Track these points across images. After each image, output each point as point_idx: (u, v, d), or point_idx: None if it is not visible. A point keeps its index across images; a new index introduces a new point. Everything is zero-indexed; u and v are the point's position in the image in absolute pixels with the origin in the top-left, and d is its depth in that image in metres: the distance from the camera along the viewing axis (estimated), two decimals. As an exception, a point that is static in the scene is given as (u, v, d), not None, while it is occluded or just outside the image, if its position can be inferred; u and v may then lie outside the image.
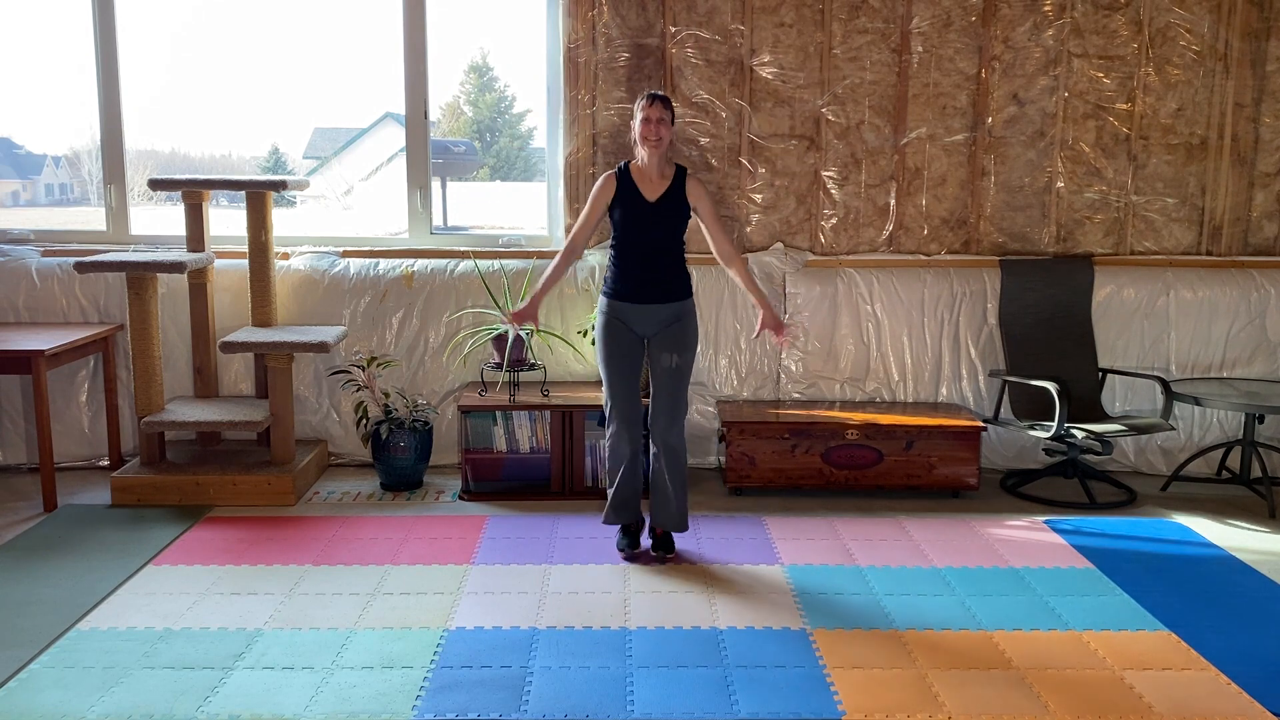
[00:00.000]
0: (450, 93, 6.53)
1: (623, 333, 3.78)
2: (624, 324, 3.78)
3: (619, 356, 3.79)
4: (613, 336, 3.79)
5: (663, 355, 3.77)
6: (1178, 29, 4.87)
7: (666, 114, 3.69)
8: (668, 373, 3.77)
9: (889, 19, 4.85)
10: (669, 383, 3.78)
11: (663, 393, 3.79)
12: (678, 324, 3.78)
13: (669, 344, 3.77)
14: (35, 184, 6.18)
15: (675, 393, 3.79)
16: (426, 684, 2.94)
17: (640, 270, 3.75)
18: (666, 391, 3.79)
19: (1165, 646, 3.22)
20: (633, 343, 3.80)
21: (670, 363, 3.76)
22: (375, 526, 4.20)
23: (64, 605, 3.43)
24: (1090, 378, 4.86)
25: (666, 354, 3.77)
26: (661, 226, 3.74)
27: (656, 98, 3.68)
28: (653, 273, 3.75)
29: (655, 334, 3.79)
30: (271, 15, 5.54)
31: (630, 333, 3.79)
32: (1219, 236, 5.05)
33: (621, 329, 3.78)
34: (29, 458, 4.95)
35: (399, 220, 5.23)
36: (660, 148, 3.69)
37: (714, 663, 3.08)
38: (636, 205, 3.72)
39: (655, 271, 3.75)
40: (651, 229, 3.73)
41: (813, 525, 4.27)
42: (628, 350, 3.79)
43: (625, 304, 3.76)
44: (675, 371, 3.77)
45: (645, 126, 3.67)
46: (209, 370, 4.86)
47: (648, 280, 3.75)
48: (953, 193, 5.01)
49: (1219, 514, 4.49)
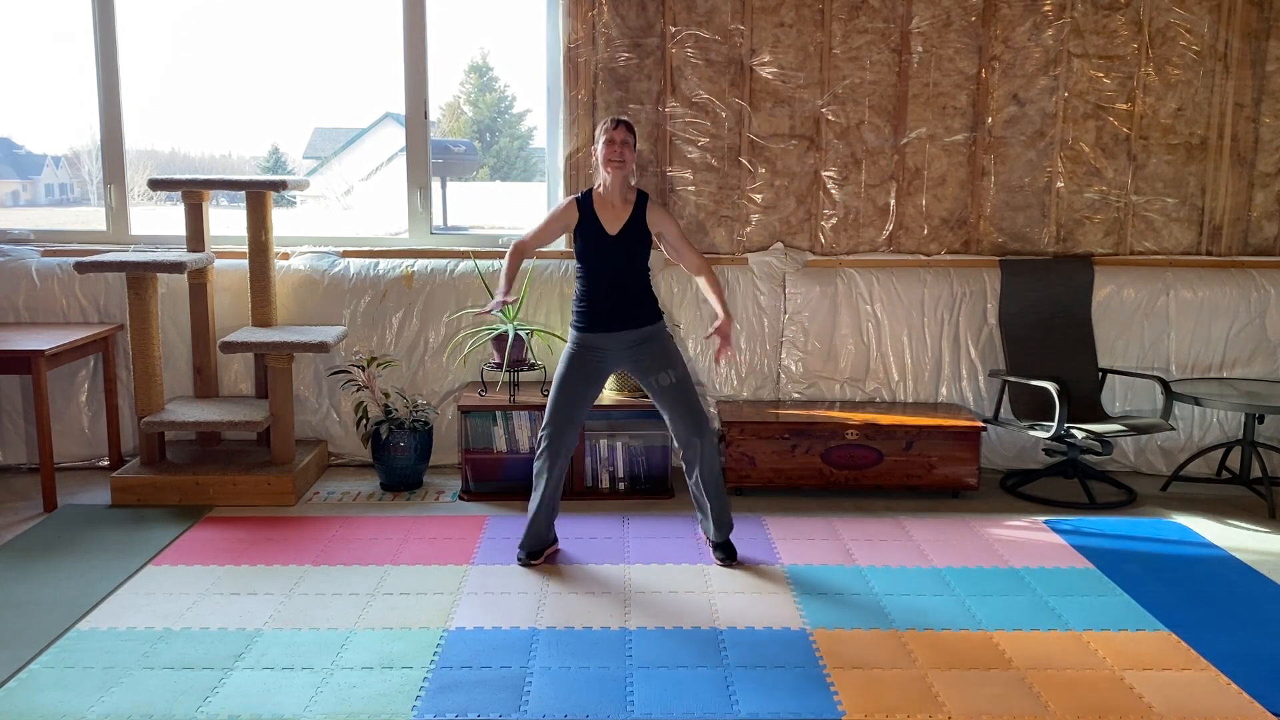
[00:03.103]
0: (450, 93, 6.53)
1: (588, 363, 3.73)
2: (591, 356, 3.73)
3: (575, 380, 3.73)
4: (575, 363, 3.74)
5: (656, 377, 3.72)
6: (1178, 29, 4.87)
7: (630, 138, 3.68)
8: (670, 390, 3.72)
9: (889, 19, 4.85)
10: (677, 399, 3.73)
11: (677, 414, 3.74)
12: (650, 344, 3.73)
13: (653, 365, 3.72)
14: (35, 184, 6.18)
15: (689, 405, 3.73)
16: (426, 684, 2.94)
17: (607, 300, 3.71)
18: (679, 410, 3.73)
19: (1165, 646, 3.22)
20: (595, 373, 3.75)
21: (667, 380, 3.72)
22: (375, 526, 4.20)
23: (64, 605, 3.44)
24: (1090, 378, 4.86)
25: (657, 375, 3.72)
26: (624, 258, 3.71)
27: (620, 122, 3.68)
28: (619, 302, 3.72)
29: (631, 362, 3.74)
30: (271, 15, 5.54)
31: (596, 364, 3.74)
32: (1219, 236, 5.05)
33: (587, 359, 3.73)
34: (29, 458, 4.96)
35: (399, 220, 5.23)
36: (623, 169, 3.67)
37: (714, 663, 3.08)
38: (598, 238, 3.69)
39: (621, 300, 3.72)
40: (614, 261, 3.71)
41: (813, 525, 4.27)
42: (586, 377, 3.74)
43: (593, 334, 3.72)
44: (677, 386, 3.72)
45: (609, 149, 3.65)
46: (209, 370, 4.86)
47: (615, 309, 3.71)
48: (953, 193, 5.01)
49: (1219, 514, 4.49)
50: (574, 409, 3.76)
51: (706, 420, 3.77)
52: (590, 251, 3.71)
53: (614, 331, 3.71)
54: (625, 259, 3.72)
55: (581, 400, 3.76)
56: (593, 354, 3.74)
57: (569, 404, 3.74)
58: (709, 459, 3.77)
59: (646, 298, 3.77)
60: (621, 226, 3.70)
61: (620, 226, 3.70)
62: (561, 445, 3.76)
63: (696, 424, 3.74)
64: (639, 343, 3.73)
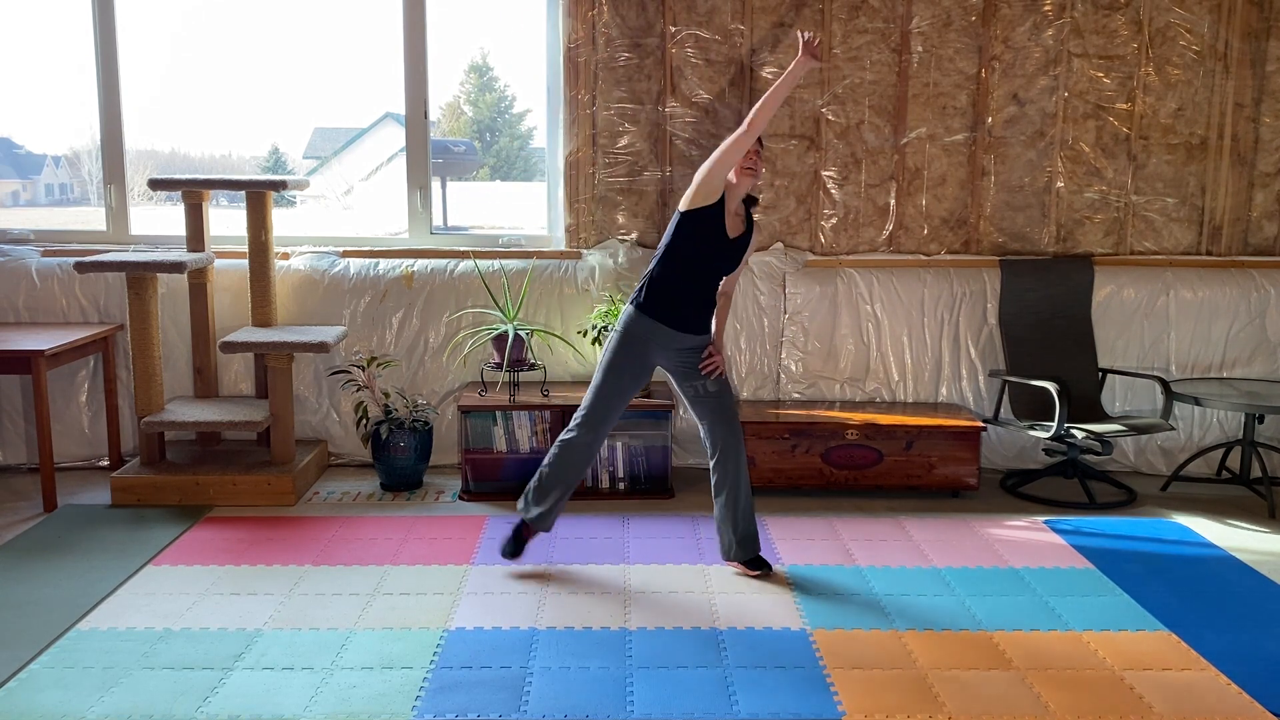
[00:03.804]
0: (450, 93, 6.52)
1: (640, 352, 3.63)
2: (643, 346, 3.63)
3: (627, 373, 3.63)
4: (630, 349, 3.63)
5: (701, 383, 3.64)
6: (1178, 29, 4.87)
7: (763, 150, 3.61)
8: (714, 397, 3.64)
9: (889, 19, 4.85)
10: (719, 406, 3.64)
11: (716, 423, 3.65)
12: (699, 352, 3.65)
13: (697, 371, 3.64)
14: (35, 184, 6.18)
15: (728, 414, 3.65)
16: (426, 684, 2.94)
17: (690, 298, 3.60)
18: (720, 420, 3.65)
19: (1165, 646, 3.22)
20: (643, 365, 3.68)
21: (714, 386, 3.64)
22: (375, 526, 4.20)
23: (64, 605, 3.44)
24: (1090, 378, 4.86)
25: (702, 381, 3.64)
26: (725, 264, 3.62)
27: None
28: (699, 303, 3.62)
29: (677, 364, 3.66)
30: (271, 15, 5.54)
31: (645, 355, 3.66)
32: (1219, 236, 5.05)
33: (638, 349, 3.63)
34: (29, 458, 4.96)
35: (399, 220, 5.23)
36: (755, 178, 3.57)
37: (714, 663, 3.08)
38: (718, 237, 3.55)
39: (701, 302, 3.63)
40: (718, 263, 3.61)
41: (813, 525, 4.27)
42: (638, 370, 3.66)
43: (660, 324, 3.59)
44: (720, 394, 3.64)
45: (748, 156, 3.53)
46: (209, 370, 4.86)
47: (693, 309, 3.61)
48: (953, 193, 5.01)
49: (1219, 514, 4.49)
50: (619, 399, 3.66)
51: (742, 434, 3.70)
52: (703, 247, 3.55)
53: (680, 331, 3.62)
54: (726, 266, 3.63)
55: (627, 391, 3.66)
56: (644, 345, 3.63)
57: (616, 393, 3.64)
58: (742, 472, 3.69)
59: (712, 308, 3.70)
60: (739, 233, 3.61)
61: (738, 233, 3.61)
62: (598, 435, 3.66)
63: (734, 435, 3.66)
64: (692, 348, 3.64)
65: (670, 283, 3.59)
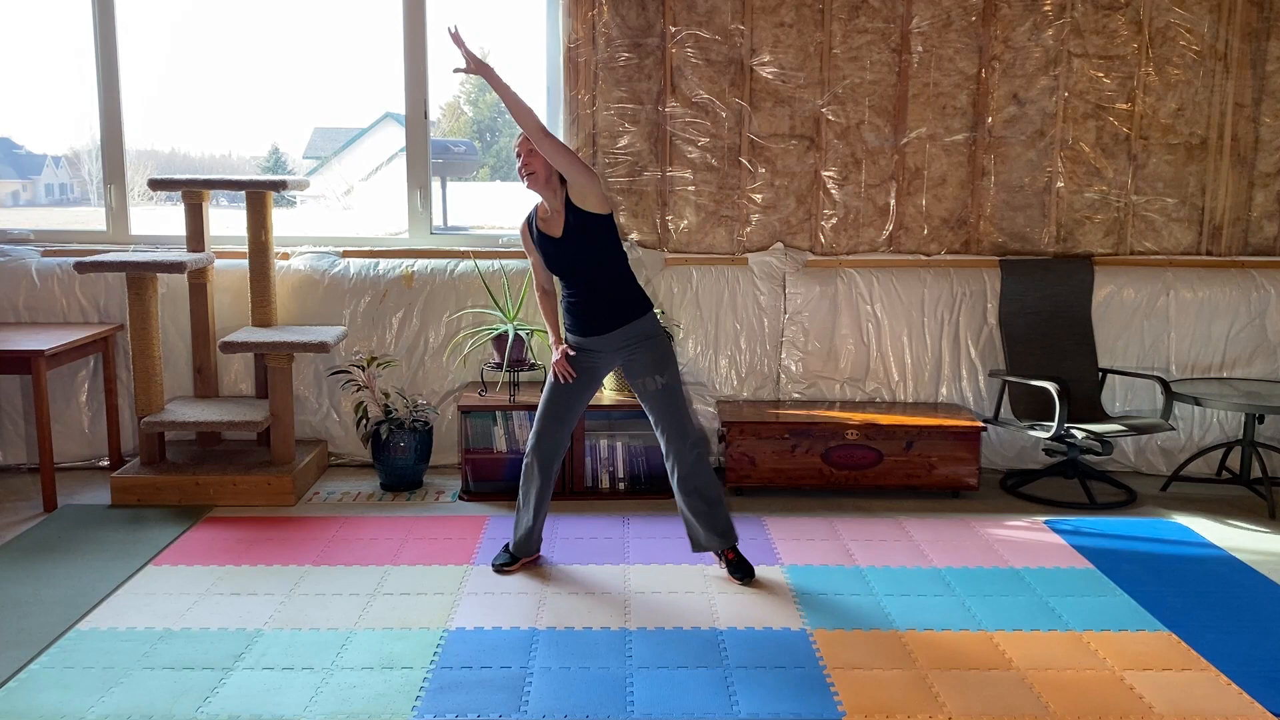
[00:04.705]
0: (450, 93, 6.53)
1: (580, 363, 3.64)
2: (583, 357, 3.64)
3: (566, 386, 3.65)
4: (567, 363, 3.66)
5: (644, 380, 3.62)
6: (1178, 29, 4.87)
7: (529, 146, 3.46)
8: (656, 396, 3.61)
9: (889, 19, 4.85)
10: (661, 405, 3.62)
11: (660, 419, 3.64)
12: (642, 346, 3.60)
13: (642, 368, 3.61)
14: (35, 184, 6.18)
15: (673, 412, 3.62)
16: (426, 684, 2.94)
17: (583, 302, 3.59)
18: (663, 416, 3.63)
19: (1165, 646, 3.22)
20: (587, 374, 3.67)
21: (654, 385, 3.60)
22: (375, 527, 4.20)
23: (64, 605, 3.44)
24: (1090, 378, 4.86)
25: (645, 378, 3.61)
26: (578, 256, 3.56)
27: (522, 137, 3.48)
28: (594, 302, 3.58)
29: (623, 362, 3.65)
30: (271, 14, 5.54)
31: (590, 365, 3.65)
32: (1219, 236, 5.05)
33: (580, 360, 3.65)
34: (29, 458, 4.96)
35: (399, 220, 5.23)
36: (536, 182, 3.50)
37: (714, 663, 3.08)
38: (548, 244, 3.58)
39: (596, 300, 3.59)
40: (571, 261, 3.57)
41: (813, 525, 4.27)
42: (579, 381, 3.66)
43: (581, 337, 3.64)
44: (663, 392, 3.60)
45: (518, 164, 3.52)
46: (209, 370, 4.86)
47: (593, 310, 3.59)
48: (953, 193, 5.01)
49: (1219, 514, 4.49)
50: (563, 410, 3.68)
51: (692, 428, 3.66)
52: (549, 260, 3.62)
53: (600, 334, 3.61)
54: (580, 257, 3.56)
55: (571, 401, 3.68)
56: (585, 355, 3.66)
57: (557, 404, 3.68)
58: (691, 467, 3.63)
59: (622, 294, 3.61)
60: (563, 227, 3.54)
61: (561, 227, 3.55)
62: (551, 446, 3.69)
63: (680, 431, 3.62)
64: (630, 342, 3.60)
65: (566, 302, 3.66)
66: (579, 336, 3.66)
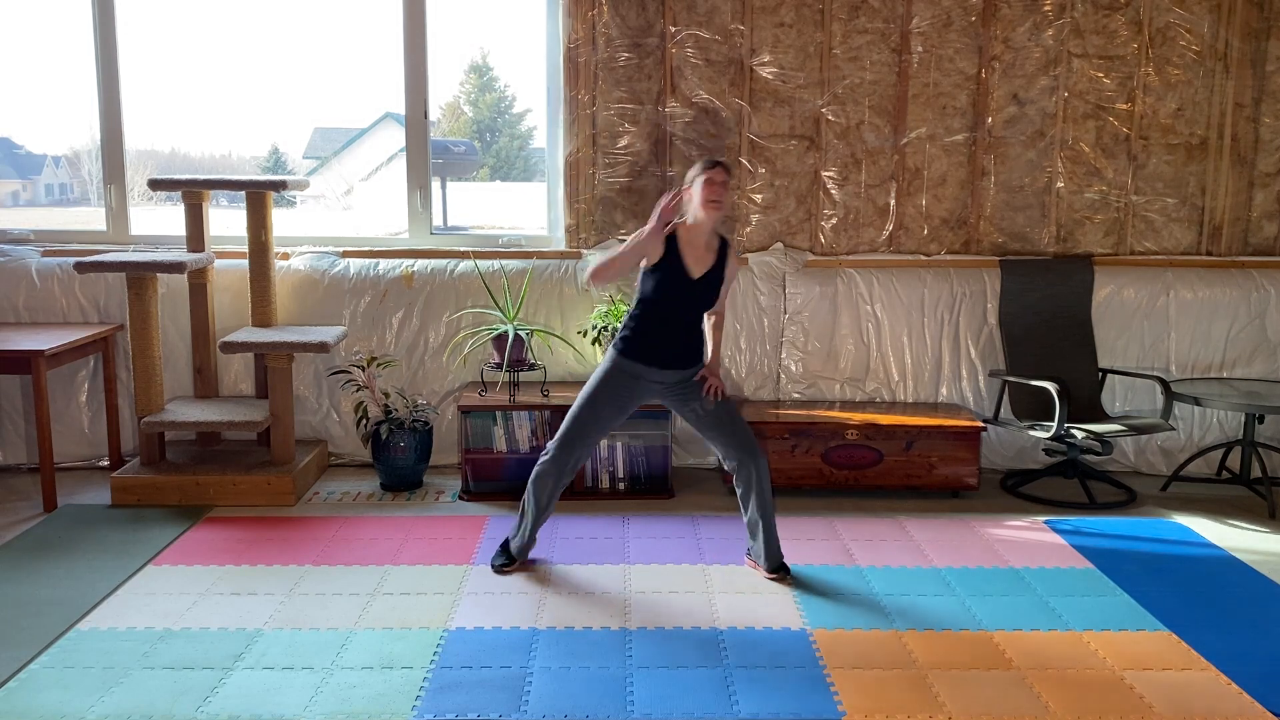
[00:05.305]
0: (450, 93, 6.53)
1: (624, 387, 3.61)
2: (630, 382, 3.60)
3: (606, 401, 3.60)
4: (611, 385, 3.61)
5: (697, 405, 3.62)
6: (1178, 29, 4.87)
7: (729, 180, 3.54)
8: (720, 409, 3.62)
9: (889, 19, 4.85)
10: (723, 421, 3.62)
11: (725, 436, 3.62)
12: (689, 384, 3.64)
13: (693, 394, 3.63)
14: (35, 184, 6.18)
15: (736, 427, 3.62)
16: (426, 684, 2.94)
17: (667, 339, 3.58)
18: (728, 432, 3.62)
19: (1165, 646, 3.22)
20: (628, 399, 3.63)
21: (710, 404, 3.62)
22: (375, 527, 4.20)
23: (64, 605, 3.43)
24: (1090, 378, 4.86)
25: (698, 402, 3.62)
26: (698, 303, 3.60)
27: (719, 163, 3.51)
28: (677, 343, 3.60)
29: (671, 397, 3.65)
30: (271, 15, 5.54)
31: (632, 391, 3.62)
32: (1219, 236, 5.05)
33: (625, 384, 3.60)
34: (29, 458, 4.96)
35: (399, 220, 5.23)
36: (720, 211, 3.52)
37: (714, 663, 3.08)
38: (678, 279, 3.52)
39: (680, 341, 3.60)
40: (688, 304, 3.58)
41: (813, 525, 4.27)
42: (623, 403, 3.63)
43: (641, 365, 3.58)
44: (721, 408, 3.62)
45: (709, 189, 3.45)
46: (209, 370, 4.86)
47: (671, 349, 3.59)
48: (953, 193, 5.01)
49: (1219, 514, 4.49)
50: (595, 429, 3.65)
51: (756, 441, 3.67)
52: (665, 290, 3.53)
53: (674, 369, 3.61)
54: (699, 304, 3.61)
55: (607, 422, 3.65)
56: (633, 380, 3.61)
57: (593, 422, 3.63)
58: (764, 481, 3.66)
59: (699, 340, 3.67)
60: (705, 271, 3.56)
61: (704, 271, 3.55)
62: (572, 460, 3.66)
63: (748, 445, 3.63)
64: (682, 381, 3.64)
65: (647, 327, 3.59)
66: (650, 367, 3.59)
